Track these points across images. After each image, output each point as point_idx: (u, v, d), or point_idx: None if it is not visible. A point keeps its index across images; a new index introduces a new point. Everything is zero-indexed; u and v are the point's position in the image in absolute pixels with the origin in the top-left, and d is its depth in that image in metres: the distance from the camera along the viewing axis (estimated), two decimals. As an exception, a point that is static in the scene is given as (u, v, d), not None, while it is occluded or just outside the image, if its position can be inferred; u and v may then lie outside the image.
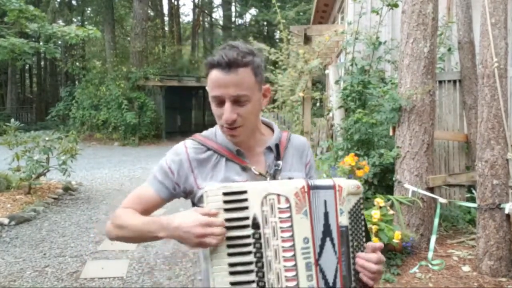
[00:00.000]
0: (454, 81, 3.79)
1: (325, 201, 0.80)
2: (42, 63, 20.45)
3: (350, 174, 3.18)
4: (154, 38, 16.46)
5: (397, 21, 3.99)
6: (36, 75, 21.97)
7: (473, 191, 3.55)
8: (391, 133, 3.37)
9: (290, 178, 0.88)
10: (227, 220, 0.76)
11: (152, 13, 18.05)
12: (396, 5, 3.70)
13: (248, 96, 0.82)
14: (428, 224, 3.07)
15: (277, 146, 0.92)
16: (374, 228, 2.62)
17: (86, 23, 18.31)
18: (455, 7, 3.98)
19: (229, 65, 0.80)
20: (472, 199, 3.49)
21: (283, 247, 0.75)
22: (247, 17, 20.71)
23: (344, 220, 0.80)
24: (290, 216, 0.76)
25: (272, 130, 0.96)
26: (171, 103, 14.31)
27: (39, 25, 5.59)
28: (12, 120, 5.24)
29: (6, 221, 3.98)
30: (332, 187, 0.80)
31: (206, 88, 0.85)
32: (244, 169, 0.88)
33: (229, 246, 0.76)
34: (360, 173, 3.17)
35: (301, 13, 13.57)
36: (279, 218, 0.76)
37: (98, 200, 5.22)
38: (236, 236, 0.76)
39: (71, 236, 3.75)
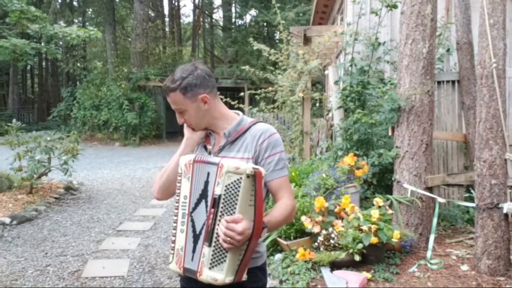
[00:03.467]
0: (453, 82, 3.81)
1: (208, 173, 1.06)
2: (44, 63, 20.50)
3: (350, 174, 3.20)
4: (155, 39, 16.50)
5: (396, 22, 4.01)
6: (37, 75, 22.03)
7: (472, 190, 3.56)
8: (390, 133, 3.39)
9: (231, 157, 1.14)
10: None
11: (152, 14, 18.09)
12: (395, 6, 3.72)
13: (182, 109, 1.18)
14: (427, 224, 3.09)
15: (229, 132, 1.20)
16: (373, 227, 2.64)
17: (87, 24, 18.36)
18: (454, 8, 3.99)
19: (165, 92, 1.19)
20: (471, 199, 3.50)
21: (176, 199, 1.11)
22: (247, 18, 20.74)
23: (218, 190, 1.02)
24: (180, 180, 1.10)
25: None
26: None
27: (40, 26, 5.62)
28: (14, 120, 5.27)
29: (8, 220, 4.01)
30: (216, 164, 1.05)
31: None
32: (204, 146, 1.23)
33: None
34: (359, 173, 3.19)
35: (300, 14, 13.59)
36: (177, 179, 1.12)
37: (99, 199, 5.25)
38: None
39: (73, 235, 3.77)
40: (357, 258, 2.57)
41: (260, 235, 1.05)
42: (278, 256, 2.83)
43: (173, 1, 20.28)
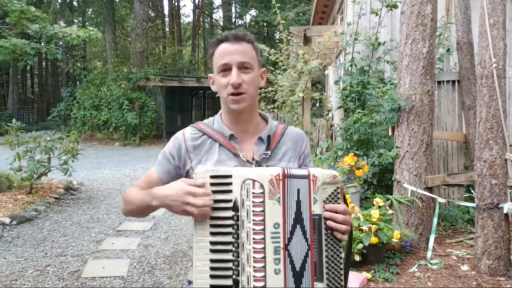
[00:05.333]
0: (453, 82, 3.81)
1: (298, 190, 0.83)
2: (44, 63, 20.49)
3: (350, 174, 3.20)
4: (155, 39, 16.50)
5: (396, 22, 4.00)
6: (37, 75, 22.02)
7: (472, 190, 3.56)
8: (390, 133, 3.38)
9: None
10: (214, 201, 0.82)
11: (152, 14, 18.09)
12: (395, 6, 3.71)
13: (251, 65, 0.95)
14: (427, 224, 3.09)
15: (268, 137, 0.99)
16: (373, 227, 2.63)
17: (87, 24, 18.36)
18: (454, 8, 3.99)
19: (236, 38, 0.95)
20: (471, 199, 3.50)
21: (253, 229, 0.79)
22: (247, 18, 20.74)
23: (317, 209, 0.83)
24: (263, 201, 0.80)
25: (267, 122, 1.05)
26: (171, 103, 14.34)
27: (40, 26, 5.61)
28: (14, 120, 5.26)
29: (7, 220, 4.00)
30: (307, 177, 0.83)
31: (213, 63, 0.97)
32: (235, 155, 0.96)
33: (212, 226, 0.82)
34: (360, 173, 3.19)
35: (300, 14, 13.59)
36: (253, 202, 0.79)
37: (99, 199, 5.25)
38: (219, 217, 0.82)
39: (72, 235, 3.77)
40: (357, 258, 2.57)
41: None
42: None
43: (173, 1, 20.28)
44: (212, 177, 0.83)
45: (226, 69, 0.93)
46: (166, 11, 20.40)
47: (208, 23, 22.66)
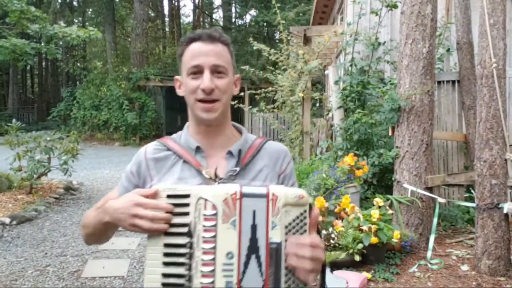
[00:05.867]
0: (453, 82, 3.81)
1: (254, 212, 0.67)
2: (44, 63, 20.49)
3: (350, 174, 3.20)
4: (155, 39, 16.51)
5: (396, 22, 4.00)
6: (37, 75, 22.02)
7: (472, 190, 3.56)
8: (390, 133, 3.39)
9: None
10: (169, 224, 0.70)
11: (152, 14, 18.10)
12: (395, 6, 3.72)
13: (226, 69, 0.83)
14: (427, 224, 3.09)
15: (239, 151, 0.85)
16: (373, 227, 2.64)
17: (87, 24, 18.36)
18: (454, 8, 3.99)
19: (210, 38, 0.83)
20: (471, 199, 3.50)
21: (202, 260, 0.65)
22: (247, 18, 20.75)
23: (276, 236, 0.67)
24: (215, 225, 0.65)
25: (241, 134, 0.91)
26: (171, 103, 14.34)
27: (40, 26, 5.61)
28: (14, 120, 5.26)
29: (7, 220, 4.00)
30: (265, 196, 0.68)
31: (182, 64, 0.83)
32: (199, 171, 0.82)
33: (165, 255, 0.70)
34: (360, 173, 3.19)
35: (300, 14, 13.59)
36: (203, 226, 0.65)
37: (99, 199, 5.20)
38: (172, 244, 0.69)
39: (72, 235, 3.77)
40: (357, 258, 2.57)
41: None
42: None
43: (173, 1, 20.28)
44: (169, 196, 0.71)
45: (197, 71, 0.81)
46: (166, 11, 20.41)
47: (208, 23, 22.66)
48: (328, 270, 2.58)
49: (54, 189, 5.40)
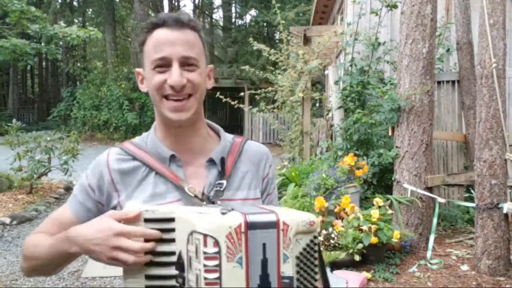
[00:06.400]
0: (453, 82, 3.81)
1: (264, 245, 0.59)
2: (44, 63, 20.49)
3: (350, 174, 3.20)
4: (155, 39, 16.47)
5: (396, 22, 4.00)
6: (37, 75, 22.02)
7: (472, 190, 3.56)
8: (390, 133, 3.39)
9: (235, 200, 0.72)
10: (149, 253, 0.60)
11: (152, 14, 18.10)
12: (395, 6, 3.72)
13: (197, 61, 0.69)
14: (427, 224, 3.09)
15: (222, 159, 0.73)
16: (373, 227, 2.64)
17: (87, 24, 18.36)
18: (454, 8, 3.99)
19: (178, 23, 0.68)
20: (471, 199, 3.50)
21: None
22: (247, 18, 20.76)
23: (288, 269, 0.60)
24: (219, 265, 0.56)
25: (219, 136, 0.79)
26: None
27: (40, 26, 5.62)
28: (14, 120, 5.27)
29: (8, 220, 4.01)
30: (275, 225, 0.60)
31: (144, 54, 0.70)
32: (178, 187, 0.70)
33: None
34: (359, 173, 3.19)
35: (300, 14, 13.60)
36: (204, 266, 0.55)
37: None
38: (157, 276, 0.60)
39: (73, 235, 3.77)
40: (357, 258, 2.57)
41: None
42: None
43: (173, 1, 20.29)
44: (148, 220, 0.61)
45: (163, 64, 0.67)
46: (166, 11, 20.42)
47: (208, 23, 22.67)
48: (328, 270, 2.58)
49: (54, 189, 5.41)
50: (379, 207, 2.80)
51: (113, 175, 0.72)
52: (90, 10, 18.73)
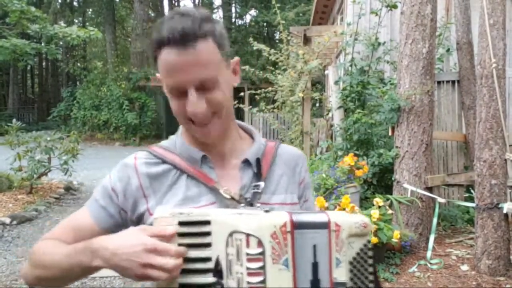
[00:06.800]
0: (453, 82, 3.81)
1: (315, 247, 0.55)
2: (44, 63, 20.50)
3: (350, 174, 3.20)
4: (155, 39, 16.48)
5: (396, 22, 4.00)
6: (37, 75, 22.03)
7: (472, 190, 3.56)
8: (390, 133, 3.39)
9: (271, 205, 0.66)
10: (184, 260, 0.56)
11: (153, 14, 18.11)
12: (395, 6, 3.72)
13: (215, 78, 0.62)
14: (427, 224, 3.09)
15: (258, 160, 0.69)
16: (373, 227, 2.64)
17: (87, 24, 18.37)
18: (453, 8, 3.99)
19: (185, 40, 0.59)
20: (471, 199, 3.50)
21: None
22: (247, 18, 20.77)
23: (341, 275, 0.56)
24: (263, 267, 0.51)
25: (252, 138, 0.74)
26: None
27: (40, 26, 5.62)
28: (14, 120, 5.27)
29: (8, 220, 4.01)
30: (326, 226, 0.56)
31: (157, 76, 0.66)
32: (212, 189, 0.66)
33: None
34: (359, 173, 3.19)
35: (300, 14, 13.60)
36: (247, 268, 0.51)
37: (99, 200, 5.24)
38: (192, 284, 0.56)
39: (73, 235, 3.77)
40: (357, 258, 2.57)
41: None
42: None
43: (173, 1, 20.29)
44: (182, 223, 0.56)
45: (178, 91, 0.62)
46: (166, 11, 20.43)
47: (208, 23, 22.66)
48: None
49: (54, 189, 5.41)
50: (379, 207, 2.80)
51: (142, 180, 0.67)
52: (90, 10, 18.74)
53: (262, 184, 0.67)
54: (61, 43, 11.50)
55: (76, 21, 18.48)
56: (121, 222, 0.68)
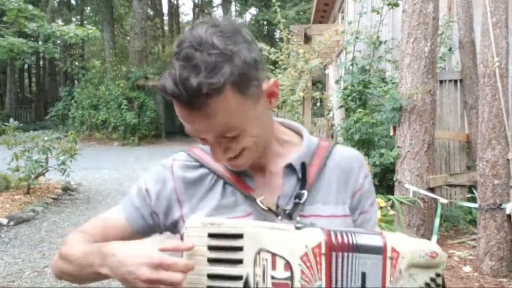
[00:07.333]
0: (455, 81, 3.79)
1: (364, 275, 0.47)
2: (41, 62, 20.42)
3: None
4: (154, 38, 16.48)
5: (398, 20, 3.97)
6: (35, 74, 21.94)
7: (474, 191, 3.54)
8: (391, 133, 3.36)
9: (319, 217, 0.58)
10: (211, 276, 0.50)
11: (151, 13, 18.04)
12: (396, 4, 3.69)
13: (237, 127, 0.54)
14: (429, 224, 3.07)
15: (303, 165, 0.60)
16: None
17: (85, 22, 18.29)
18: (456, 7, 3.97)
19: (191, 97, 0.50)
20: (473, 199, 3.48)
21: None
22: (247, 17, 20.73)
23: None
24: None
25: (301, 138, 0.65)
26: (171, 103, 14.26)
27: (38, 24, 5.58)
28: (11, 119, 5.22)
29: (5, 221, 3.97)
30: (381, 251, 0.47)
31: None
32: (247, 197, 0.60)
33: None
34: (361, 173, 3.17)
35: (301, 13, 13.58)
36: None
37: (98, 200, 5.21)
38: None
39: (71, 236, 3.74)
40: (358, 259, 2.54)
41: None
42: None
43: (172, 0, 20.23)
44: (212, 235, 0.50)
45: (200, 139, 0.58)
46: (165, 10, 20.37)
47: (207, 22, 22.62)
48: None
49: (52, 190, 5.36)
50: (381, 207, 2.77)
51: (178, 184, 0.63)
52: (88, 8, 18.65)
53: (305, 193, 0.58)
54: (58, 41, 11.44)
55: (74, 19, 18.40)
56: (152, 225, 0.64)
